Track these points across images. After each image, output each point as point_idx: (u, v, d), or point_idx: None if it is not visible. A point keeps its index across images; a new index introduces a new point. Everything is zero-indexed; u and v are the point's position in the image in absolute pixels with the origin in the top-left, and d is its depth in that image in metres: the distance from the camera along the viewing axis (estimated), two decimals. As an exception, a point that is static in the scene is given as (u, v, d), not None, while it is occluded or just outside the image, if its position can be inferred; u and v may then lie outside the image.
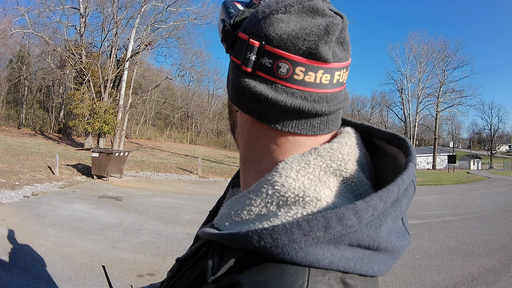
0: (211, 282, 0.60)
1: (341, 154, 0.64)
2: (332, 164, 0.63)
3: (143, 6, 32.08)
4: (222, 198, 0.99)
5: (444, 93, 58.56)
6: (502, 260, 6.79)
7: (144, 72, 44.00)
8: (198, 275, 0.68)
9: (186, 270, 0.75)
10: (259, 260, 0.56)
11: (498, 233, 8.94)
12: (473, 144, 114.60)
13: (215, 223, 0.71)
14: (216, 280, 0.60)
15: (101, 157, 15.66)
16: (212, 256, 0.63)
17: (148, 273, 5.65)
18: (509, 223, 10.13)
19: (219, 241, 0.63)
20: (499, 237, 8.54)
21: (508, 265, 6.53)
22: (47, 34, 31.93)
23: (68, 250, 6.46)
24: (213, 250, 0.64)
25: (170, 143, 55.51)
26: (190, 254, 0.76)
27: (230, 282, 0.57)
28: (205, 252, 0.69)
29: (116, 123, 30.69)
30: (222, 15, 0.69)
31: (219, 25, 0.70)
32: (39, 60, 40.59)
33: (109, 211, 10.00)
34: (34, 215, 8.96)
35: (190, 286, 0.70)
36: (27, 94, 50.25)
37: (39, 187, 12.74)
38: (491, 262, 6.69)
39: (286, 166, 0.62)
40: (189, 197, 13.47)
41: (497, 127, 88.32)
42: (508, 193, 19.78)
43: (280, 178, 0.61)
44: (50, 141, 36.40)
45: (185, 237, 7.78)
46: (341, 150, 0.64)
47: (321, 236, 0.53)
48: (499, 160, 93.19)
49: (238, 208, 0.66)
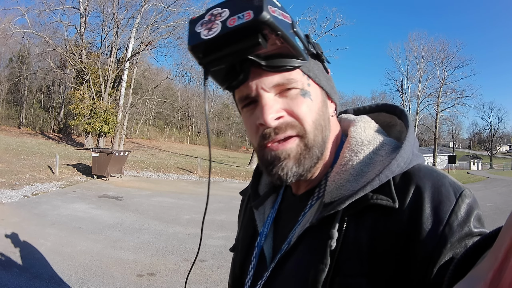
0: (398, 209, 0.75)
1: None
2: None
3: (143, 6, 32.14)
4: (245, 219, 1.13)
5: (444, 93, 58.51)
6: (502, 261, 6.73)
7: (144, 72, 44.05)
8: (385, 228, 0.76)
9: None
10: (405, 174, 0.81)
11: (498, 234, 8.83)
12: (473, 144, 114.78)
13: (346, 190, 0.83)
14: (400, 205, 0.76)
15: (101, 157, 15.72)
16: (383, 195, 0.77)
17: (148, 273, 5.67)
18: (509, 224, 10.01)
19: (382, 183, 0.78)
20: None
21: (509, 265, 6.48)
22: (47, 34, 32.01)
23: (68, 250, 6.48)
24: (375, 196, 0.78)
25: (170, 143, 55.61)
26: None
27: (410, 192, 0.77)
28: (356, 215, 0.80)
29: (116, 123, 30.72)
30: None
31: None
32: (39, 60, 40.63)
33: (109, 211, 10.02)
34: (34, 214, 8.98)
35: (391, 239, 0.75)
36: (27, 94, 50.34)
37: (39, 187, 12.77)
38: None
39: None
40: (189, 197, 13.49)
41: (497, 127, 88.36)
42: (508, 193, 19.73)
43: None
44: (50, 141, 36.46)
45: (185, 237, 7.79)
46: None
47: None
48: (499, 160, 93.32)
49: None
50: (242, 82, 0.79)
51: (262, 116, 0.79)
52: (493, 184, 26.15)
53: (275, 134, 0.80)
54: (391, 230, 0.74)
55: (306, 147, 0.82)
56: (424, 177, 0.78)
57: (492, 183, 27.81)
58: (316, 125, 0.83)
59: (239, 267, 1.04)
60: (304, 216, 0.89)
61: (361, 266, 0.74)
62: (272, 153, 0.82)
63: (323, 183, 0.90)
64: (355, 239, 0.77)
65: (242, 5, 0.67)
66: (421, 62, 59.46)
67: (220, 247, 7.08)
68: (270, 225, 0.99)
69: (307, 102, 0.82)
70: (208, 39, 0.69)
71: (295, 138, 0.82)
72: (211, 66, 0.75)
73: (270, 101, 0.80)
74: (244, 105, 0.85)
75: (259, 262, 0.97)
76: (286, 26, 0.70)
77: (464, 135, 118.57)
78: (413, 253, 0.71)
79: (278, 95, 0.81)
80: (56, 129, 48.08)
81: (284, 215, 0.99)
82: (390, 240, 0.73)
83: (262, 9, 0.64)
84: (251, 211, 1.08)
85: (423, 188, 0.76)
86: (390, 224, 0.75)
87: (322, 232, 0.80)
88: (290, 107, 0.81)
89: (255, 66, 0.76)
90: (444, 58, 58.95)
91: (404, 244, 0.72)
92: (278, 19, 0.67)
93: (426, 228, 0.71)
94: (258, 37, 0.68)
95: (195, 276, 5.60)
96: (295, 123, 0.81)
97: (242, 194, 1.23)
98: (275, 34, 0.68)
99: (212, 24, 0.69)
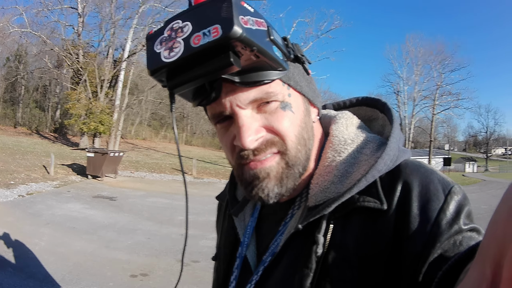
0: (386, 210, 0.74)
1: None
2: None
3: (141, 6, 32.05)
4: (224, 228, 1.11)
5: (440, 96, 58.34)
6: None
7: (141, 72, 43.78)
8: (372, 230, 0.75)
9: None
10: (391, 172, 0.78)
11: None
12: (469, 146, 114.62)
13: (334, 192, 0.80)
14: (388, 206, 0.74)
15: (96, 157, 15.67)
16: (372, 197, 0.75)
17: (141, 274, 5.70)
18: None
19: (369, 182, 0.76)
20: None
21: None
22: (45, 34, 31.84)
23: (62, 250, 6.51)
24: (362, 197, 0.76)
25: (165, 144, 55.33)
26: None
27: (397, 191, 0.75)
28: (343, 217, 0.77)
29: (111, 123, 30.62)
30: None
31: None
32: (36, 60, 40.36)
33: (103, 211, 10.05)
34: (28, 214, 8.99)
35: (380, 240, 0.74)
36: (24, 93, 50.10)
37: (34, 187, 12.74)
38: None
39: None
40: (183, 198, 13.24)
41: (493, 130, 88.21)
42: (504, 196, 19.67)
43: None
44: (45, 141, 36.28)
45: (179, 237, 7.81)
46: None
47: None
48: (495, 163, 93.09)
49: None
50: (214, 100, 0.71)
51: (240, 139, 0.72)
52: (488, 187, 26.09)
53: (253, 156, 0.75)
54: (380, 233, 0.72)
55: (287, 165, 0.77)
56: (411, 174, 0.76)
57: (488, 185, 27.77)
58: (299, 140, 0.78)
59: (222, 277, 0.99)
60: (286, 226, 0.86)
61: (350, 271, 0.72)
62: (251, 172, 0.77)
63: (304, 191, 0.86)
64: (342, 243, 0.74)
65: (207, 17, 0.58)
66: (417, 65, 59.50)
67: (213, 248, 7.02)
68: (252, 234, 0.95)
69: (288, 116, 0.76)
70: (169, 62, 0.60)
71: (275, 155, 0.76)
72: (176, 90, 0.66)
73: (248, 120, 0.73)
74: (217, 121, 0.78)
75: (242, 272, 0.93)
76: (261, 35, 0.62)
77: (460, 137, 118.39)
78: (403, 255, 0.69)
79: (255, 111, 0.75)
80: (52, 129, 47.87)
81: (265, 222, 0.95)
82: (379, 243, 0.72)
83: (232, 22, 0.55)
84: (231, 218, 1.03)
85: (411, 185, 0.74)
86: (378, 227, 0.73)
87: (307, 238, 0.77)
88: (269, 123, 0.75)
89: (228, 82, 0.68)
90: (441, 60, 58.97)
91: (394, 246, 0.71)
92: (252, 31, 0.59)
93: (414, 228, 0.70)
94: (229, 56, 0.58)
95: (189, 276, 5.61)
96: (276, 140, 0.76)
97: (219, 199, 1.20)
98: (249, 49, 0.59)
99: (173, 42, 0.61)
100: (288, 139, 0.76)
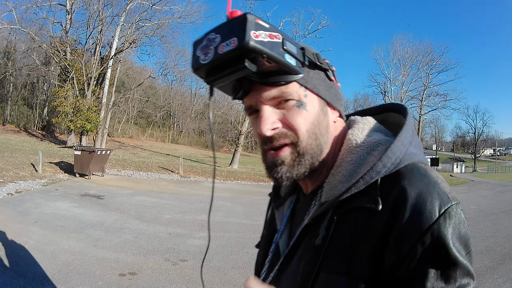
0: (380, 211, 0.79)
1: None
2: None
3: (129, 3, 32.00)
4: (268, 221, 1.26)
5: (428, 97, 58.35)
6: (487, 263, 6.87)
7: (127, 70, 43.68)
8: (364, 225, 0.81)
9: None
10: (394, 175, 0.83)
11: (482, 236, 9.01)
12: (457, 147, 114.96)
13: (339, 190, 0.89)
14: (382, 208, 0.79)
15: (83, 155, 15.72)
16: (366, 198, 0.82)
17: (129, 272, 5.70)
18: (493, 226, 10.25)
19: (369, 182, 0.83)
20: (483, 240, 8.62)
21: (493, 268, 6.60)
22: (34, 30, 31.67)
23: (51, 248, 6.52)
24: (360, 196, 0.83)
25: (152, 142, 55.06)
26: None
27: (394, 196, 0.79)
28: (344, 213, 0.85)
29: (98, 121, 30.52)
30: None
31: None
32: (24, 56, 40.05)
33: (91, 209, 10.08)
34: (17, 212, 9.04)
35: (368, 235, 0.79)
36: (12, 91, 49.56)
37: (22, 185, 12.77)
38: (476, 265, 6.60)
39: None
40: (170, 197, 13.59)
41: (482, 131, 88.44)
42: (492, 196, 20.09)
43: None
44: (33, 138, 36.01)
45: (166, 236, 7.88)
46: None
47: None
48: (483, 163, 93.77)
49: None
50: (245, 96, 0.90)
51: (259, 126, 0.88)
52: (477, 187, 26.35)
53: (270, 142, 0.90)
54: (372, 232, 0.77)
55: (299, 154, 0.90)
56: (413, 182, 0.78)
57: (476, 186, 28.04)
58: (309, 134, 0.90)
59: (260, 262, 1.16)
60: (309, 215, 0.96)
61: (341, 264, 0.80)
62: (271, 160, 0.93)
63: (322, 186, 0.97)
64: (340, 237, 0.82)
65: (231, 31, 0.76)
66: (405, 65, 59.34)
67: (201, 246, 7.17)
68: (286, 223, 1.10)
69: (302, 113, 0.89)
70: (203, 63, 0.80)
71: (288, 147, 0.90)
72: (213, 84, 0.87)
73: (267, 113, 0.89)
74: (249, 113, 0.95)
75: (274, 257, 1.07)
76: (275, 46, 0.78)
77: (447, 138, 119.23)
78: (386, 257, 0.75)
79: (276, 107, 0.90)
80: (39, 127, 47.34)
81: (297, 213, 1.08)
82: (370, 241, 0.77)
83: (244, 36, 0.73)
84: (273, 211, 1.21)
85: (408, 194, 0.76)
86: (372, 225, 0.78)
87: (316, 230, 0.88)
88: (285, 118, 0.89)
89: (256, 82, 0.87)
90: (429, 61, 58.80)
91: (381, 246, 0.75)
92: (264, 42, 0.75)
93: (396, 239, 0.74)
94: (244, 61, 0.77)
95: (176, 276, 5.64)
96: (289, 133, 0.89)
97: (270, 196, 1.32)
98: (261, 56, 0.76)
99: (207, 49, 0.80)
100: (300, 132, 0.89)
